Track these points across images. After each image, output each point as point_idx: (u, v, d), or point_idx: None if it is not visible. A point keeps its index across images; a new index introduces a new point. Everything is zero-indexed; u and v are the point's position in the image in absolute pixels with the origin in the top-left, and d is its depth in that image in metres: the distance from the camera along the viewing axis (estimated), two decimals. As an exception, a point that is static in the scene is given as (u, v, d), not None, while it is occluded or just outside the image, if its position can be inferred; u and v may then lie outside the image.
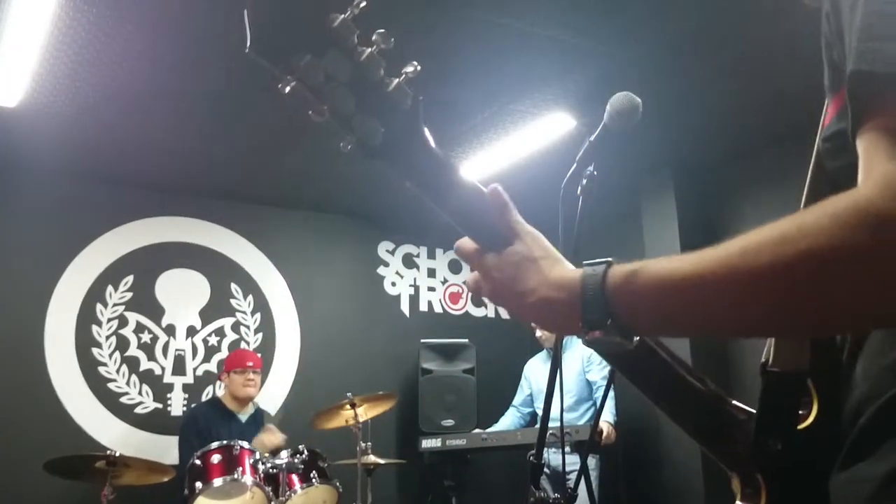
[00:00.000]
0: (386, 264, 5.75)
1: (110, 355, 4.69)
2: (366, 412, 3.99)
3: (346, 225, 5.59)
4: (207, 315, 5.03)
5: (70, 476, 3.60)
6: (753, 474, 0.86)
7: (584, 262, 0.78)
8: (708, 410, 0.92)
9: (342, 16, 0.74)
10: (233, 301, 5.13)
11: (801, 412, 0.84)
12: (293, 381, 5.19)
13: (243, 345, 5.07)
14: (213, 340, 5.01)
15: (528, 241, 0.82)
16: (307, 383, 5.16)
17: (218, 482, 3.54)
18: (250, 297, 5.19)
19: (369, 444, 3.94)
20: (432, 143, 0.81)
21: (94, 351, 4.66)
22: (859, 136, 0.64)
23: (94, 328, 4.68)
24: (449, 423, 5.06)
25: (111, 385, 4.66)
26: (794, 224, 0.62)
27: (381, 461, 4.00)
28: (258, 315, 5.19)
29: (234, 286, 5.15)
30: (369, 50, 0.76)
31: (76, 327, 4.62)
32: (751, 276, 0.63)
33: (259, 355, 4.68)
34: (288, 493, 3.65)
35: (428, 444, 4.72)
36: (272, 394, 5.05)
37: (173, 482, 3.72)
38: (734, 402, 0.92)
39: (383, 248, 5.76)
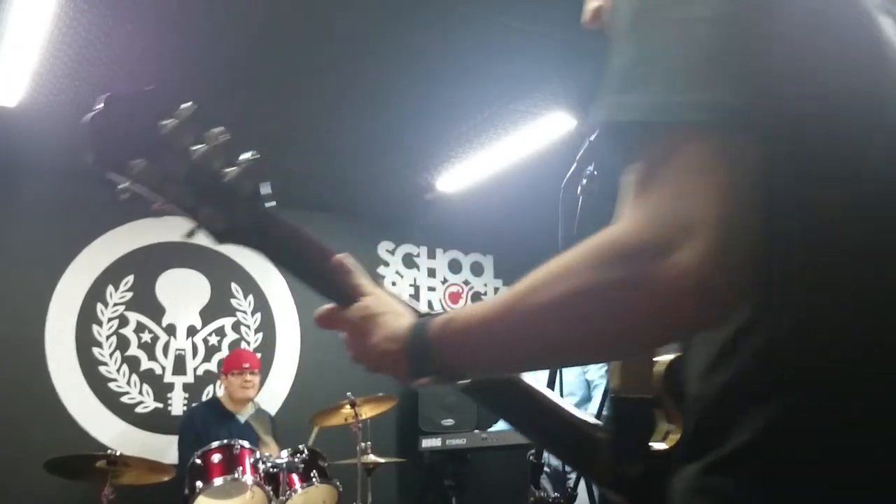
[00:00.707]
0: (386, 264, 5.75)
1: (111, 355, 4.69)
2: (366, 413, 3.99)
3: (346, 225, 5.58)
4: (208, 315, 5.03)
5: (70, 475, 3.60)
6: (620, 496, 0.88)
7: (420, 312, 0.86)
8: (574, 434, 0.94)
9: (173, 121, 0.81)
10: (233, 301, 5.13)
11: (667, 434, 0.84)
12: (293, 380, 5.20)
13: (244, 344, 5.07)
14: (214, 340, 5.01)
15: (370, 300, 0.90)
16: (307, 383, 5.15)
17: (218, 481, 3.55)
18: (251, 297, 5.19)
19: (369, 443, 3.95)
20: (277, 222, 0.91)
21: (95, 350, 4.66)
22: (621, 179, 0.68)
23: (95, 328, 4.68)
24: (449, 422, 5.06)
25: (112, 384, 4.66)
26: (565, 261, 0.67)
27: (382, 460, 4.01)
28: (258, 315, 5.19)
29: (234, 286, 5.15)
30: (204, 147, 0.83)
31: (77, 327, 4.63)
32: (532, 313, 0.68)
33: (258, 355, 4.67)
34: (288, 492, 3.65)
35: (428, 443, 4.73)
36: (272, 393, 5.05)
37: (174, 482, 3.72)
38: (588, 420, 0.94)
39: (383, 248, 5.76)
